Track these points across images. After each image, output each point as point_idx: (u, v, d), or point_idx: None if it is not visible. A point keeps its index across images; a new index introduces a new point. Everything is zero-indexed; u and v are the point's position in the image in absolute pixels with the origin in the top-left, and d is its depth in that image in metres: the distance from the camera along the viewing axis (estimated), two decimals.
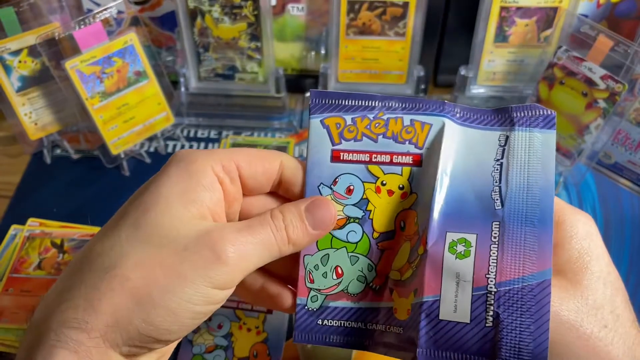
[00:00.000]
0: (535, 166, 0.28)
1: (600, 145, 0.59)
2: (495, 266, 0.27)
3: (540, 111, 0.29)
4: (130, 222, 0.26)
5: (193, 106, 0.69)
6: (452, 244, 0.28)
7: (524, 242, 0.27)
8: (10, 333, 0.49)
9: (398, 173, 0.30)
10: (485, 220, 0.28)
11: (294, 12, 0.67)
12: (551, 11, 0.63)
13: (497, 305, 0.26)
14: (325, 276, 0.31)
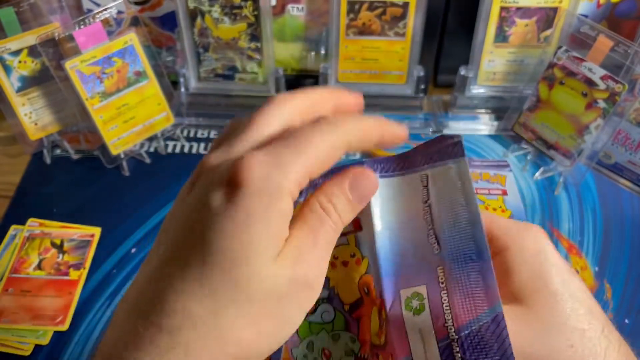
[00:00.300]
0: (457, 199, 0.28)
1: (600, 145, 0.59)
2: (450, 313, 0.26)
3: (447, 141, 0.29)
4: (227, 280, 0.24)
5: (193, 106, 0.69)
6: (407, 300, 0.27)
7: (469, 281, 0.26)
8: (10, 333, 0.49)
9: (345, 243, 0.31)
10: (430, 268, 0.27)
11: (293, 12, 0.67)
12: (551, 11, 0.63)
13: (463, 352, 0.26)
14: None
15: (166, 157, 0.65)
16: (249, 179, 0.25)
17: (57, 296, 0.51)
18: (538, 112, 0.62)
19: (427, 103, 0.71)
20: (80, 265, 0.54)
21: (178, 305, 0.24)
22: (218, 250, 0.24)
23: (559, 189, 0.62)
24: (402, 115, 0.70)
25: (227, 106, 0.69)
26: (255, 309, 0.24)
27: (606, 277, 0.54)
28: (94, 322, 0.50)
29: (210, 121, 0.69)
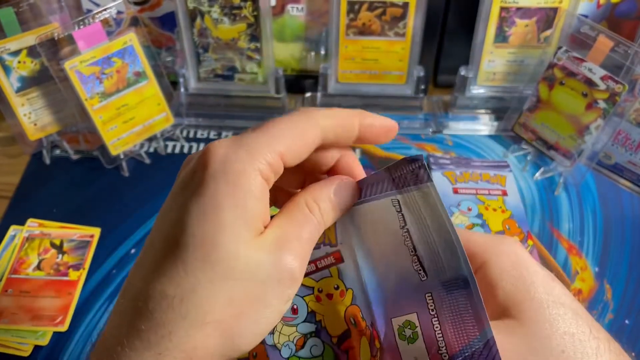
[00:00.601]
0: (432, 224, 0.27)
1: (600, 145, 0.59)
2: (443, 340, 0.26)
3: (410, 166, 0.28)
4: (200, 257, 0.25)
5: (193, 107, 0.69)
6: (399, 329, 0.28)
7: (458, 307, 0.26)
8: (9, 333, 0.49)
9: (328, 275, 0.31)
10: (418, 295, 0.27)
11: (293, 12, 0.67)
12: (551, 11, 0.62)
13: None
14: None
15: (166, 158, 0.65)
16: (213, 162, 0.26)
17: (57, 297, 0.51)
18: (538, 113, 0.62)
19: (427, 103, 0.71)
20: (79, 265, 0.54)
21: (156, 289, 0.25)
22: (191, 232, 0.25)
23: (559, 189, 0.62)
24: (402, 116, 0.70)
25: (226, 106, 0.69)
26: (233, 289, 0.25)
27: (606, 277, 0.54)
28: (93, 323, 0.50)
29: (210, 121, 0.69)
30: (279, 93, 0.68)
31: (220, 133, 0.68)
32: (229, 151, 0.26)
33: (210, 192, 0.25)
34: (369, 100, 0.70)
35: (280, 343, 0.31)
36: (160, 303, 0.25)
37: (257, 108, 0.69)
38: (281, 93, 0.68)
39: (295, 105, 0.71)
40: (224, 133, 0.68)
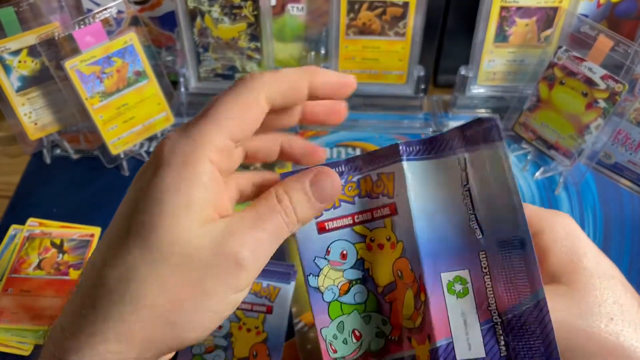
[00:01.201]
0: (496, 184, 0.28)
1: (600, 145, 0.59)
2: (494, 297, 0.27)
3: (484, 124, 0.28)
4: (139, 243, 0.25)
5: (193, 106, 0.69)
6: (449, 284, 0.28)
7: (512, 267, 0.27)
8: (9, 333, 0.49)
9: (382, 226, 0.31)
10: (472, 253, 0.28)
11: (293, 12, 0.67)
12: (551, 11, 0.63)
13: (506, 334, 0.27)
14: (345, 342, 0.31)
15: None
16: (161, 154, 0.26)
17: (57, 296, 0.51)
18: (538, 112, 0.62)
19: (427, 103, 0.71)
20: (80, 265, 0.54)
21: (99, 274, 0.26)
22: (134, 219, 0.26)
23: (559, 188, 0.62)
24: (402, 115, 0.70)
25: None
26: (168, 274, 0.25)
27: None
28: None
29: None
30: None
31: None
32: (175, 143, 0.27)
33: (156, 182, 0.26)
34: (369, 100, 0.70)
35: (324, 286, 0.31)
36: (100, 287, 0.25)
37: None
38: None
39: None
40: None
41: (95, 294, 0.25)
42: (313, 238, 0.31)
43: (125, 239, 0.26)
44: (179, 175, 0.26)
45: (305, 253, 0.31)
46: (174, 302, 0.25)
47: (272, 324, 0.48)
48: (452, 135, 0.29)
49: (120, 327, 0.24)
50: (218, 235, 0.26)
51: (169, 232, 0.25)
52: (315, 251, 0.31)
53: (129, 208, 0.27)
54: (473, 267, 0.28)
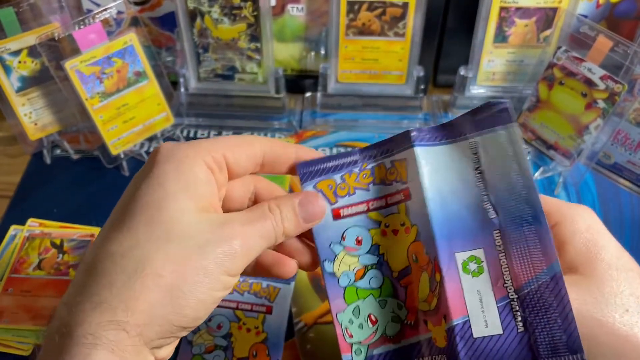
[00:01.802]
0: (509, 165, 0.28)
1: (599, 145, 0.59)
2: (509, 273, 0.28)
3: (495, 107, 0.29)
4: (144, 220, 0.27)
5: (193, 106, 0.69)
6: (464, 264, 0.28)
7: (526, 242, 0.27)
8: (10, 333, 0.49)
9: (395, 212, 0.32)
10: (486, 232, 0.28)
11: (293, 12, 0.67)
12: (551, 11, 0.63)
13: (523, 310, 0.27)
14: (361, 327, 0.31)
15: None
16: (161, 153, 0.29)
17: (57, 296, 0.52)
18: (537, 112, 0.62)
19: (427, 103, 0.71)
20: None
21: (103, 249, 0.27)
22: (138, 201, 0.28)
23: (559, 189, 0.62)
24: (402, 115, 0.70)
25: (226, 106, 0.69)
26: (171, 248, 0.27)
27: None
28: None
29: (210, 121, 0.69)
30: (279, 93, 0.68)
31: (221, 133, 0.68)
32: (173, 146, 0.30)
33: (157, 172, 0.29)
34: (369, 100, 0.70)
35: (340, 271, 0.32)
36: (104, 260, 0.26)
37: (257, 108, 0.69)
38: (281, 93, 0.68)
39: (295, 104, 0.71)
40: (224, 133, 0.68)
41: (100, 267, 0.26)
42: (328, 224, 0.32)
43: (130, 218, 0.27)
44: (177, 168, 0.29)
45: (320, 239, 0.32)
46: (177, 273, 0.26)
47: (272, 324, 0.48)
48: (462, 121, 0.30)
49: (125, 293, 0.25)
50: (214, 222, 0.28)
51: (171, 212, 0.27)
52: (330, 237, 0.32)
53: (130, 195, 0.29)
54: (487, 246, 0.28)
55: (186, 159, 0.29)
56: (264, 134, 0.68)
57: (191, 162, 0.29)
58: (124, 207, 0.28)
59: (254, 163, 0.32)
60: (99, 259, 0.27)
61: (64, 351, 0.25)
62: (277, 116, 0.69)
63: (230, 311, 0.49)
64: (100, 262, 0.27)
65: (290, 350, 0.48)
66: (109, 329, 0.25)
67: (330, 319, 0.49)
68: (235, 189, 0.33)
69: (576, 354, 0.26)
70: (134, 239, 0.27)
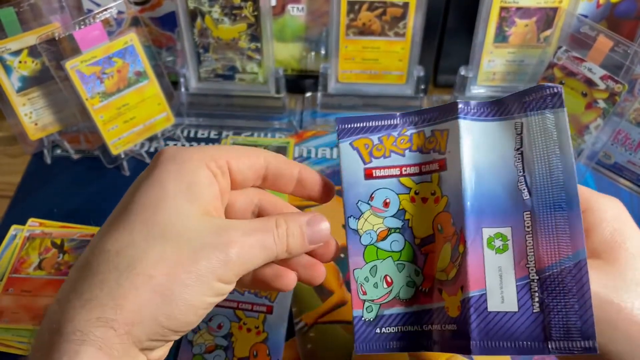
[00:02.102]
0: (552, 149, 0.29)
1: (600, 145, 0.59)
2: (533, 255, 0.28)
3: (547, 90, 0.29)
4: (141, 219, 0.27)
5: (193, 106, 0.69)
6: (489, 239, 0.29)
7: (556, 227, 0.28)
8: (10, 333, 0.49)
9: (428, 181, 0.32)
10: (517, 212, 0.29)
11: (293, 12, 0.67)
12: (551, 11, 0.63)
13: (542, 291, 0.27)
14: (376, 286, 0.32)
15: None
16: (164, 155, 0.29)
17: None
18: None
19: (427, 103, 0.71)
20: None
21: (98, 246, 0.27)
22: (136, 201, 0.28)
23: None
24: None
25: (227, 106, 0.69)
26: (166, 248, 0.26)
27: None
28: None
29: (211, 121, 0.69)
30: (279, 93, 0.68)
31: (221, 132, 0.68)
32: (178, 149, 0.30)
33: (158, 173, 0.29)
34: (369, 100, 0.70)
35: (363, 230, 0.32)
36: (98, 257, 0.26)
37: (257, 108, 0.69)
38: (281, 93, 0.68)
39: (296, 104, 0.71)
40: (225, 132, 0.68)
41: (94, 264, 0.26)
42: (359, 182, 0.32)
43: (127, 217, 0.27)
44: (179, 169, 0.29)
45: (349, 195, 0.32)
46: (169, 276, 0.26)
47: (272, 324, 0.48)
48: (511, 100, 0.30)
49: (115, 291, 0.25)
50: (213, 226, 0.28)
51: (169, 212, 0.27)
52: (359, 195, 0.32)
53: (130, 194, 0.29)
54: (516, 226, 0.29)
55: (189, 161, 0.29)
56: (264, 134, 0.68)
57: (194, 165, 0.29)
58: (123, 207, 0.28)
59: (256, 175, 0.32)
60: (93, 256, 0.27)
61: (53, 348, 0.25)
62: (277, 116, 0.69)
63: (231, 311, 0.49)
64: (95, 259, 0.27)
65: (291, 350, 0.48)
66: (97, 326, 0.25)
67: (331, 319, 0.49)
68: (237, 200, 0.33)
69: (588, 340, 0.26)
70: (129, 237, 0.27)
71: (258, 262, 0.29)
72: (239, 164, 0.31)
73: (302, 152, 0.66)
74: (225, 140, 0.67)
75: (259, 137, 0.67)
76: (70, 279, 0.27)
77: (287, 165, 0.33)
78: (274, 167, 0.32)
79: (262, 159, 0.32)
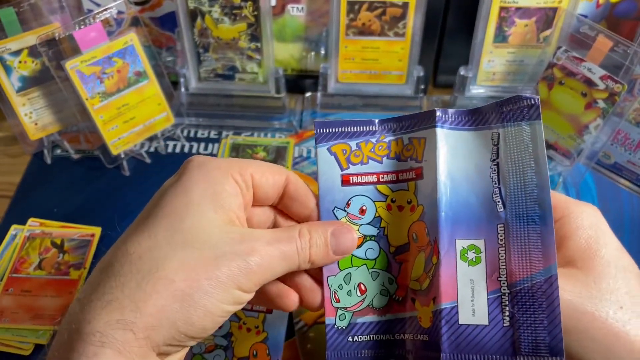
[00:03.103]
0: (527, 161, 0.28)
1: (599, 145, 0.59)
2: (505, 268, 0.28)
3: (524, 101, 0.29)
4: (165, 225, 0.27)
5: (193, 106, 0.69)
6: (463, 251, 0.29)
7: (528, 241, 0.28)
8: (10, 333, 0.49)
9: (404, 189, 0.32)
10: (490, 224, 0.29)
11: (293, 12, 0.67)
12: (550, 11, 0.63)
13: (512, 306, 0.27)
14: (349, 294, 0.32)
15: (166, 157, 0.65)
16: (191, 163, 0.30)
17: (58, 296, 0.52)
18: None
19: (427, 103, 0.71)
20: (80, 265, 0.54)
21: (120, 249, 0.27)
22: (162, 207, 0.28)
23: (559, 188, 0.62)
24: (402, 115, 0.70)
25: (227, 106, 0.69)
26: (188, 254, 0.27)
27: None
28: None
29: (211, 121, 0.69)
30: (279, 93, 0.68)
31: (221, 133, 0.68)
32: (206, 159, 0.30)
33: (184, 180, 0.29)
34: (369, 100, 0.70)
35: None
36: (120, 259, 0.27)
37: (257, 108, 0.69)
38: (281, 93, 0.68)
39: (296, 104, 0.71)
40: (225, 133, 0.68)
41: (117, 266, 0.27)
42: (336, 188, 0.32)
43: (151, 222, 0.28)
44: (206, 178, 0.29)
45: (325, 201, 0.32)
46: (190, 281, 0.26)
47: (272, 324, 0.48)
48: (489, 109, 0.30)
49: (136, 294, 0.25)
50: (235, 235, 0.28)
51: (194, 220, 0.27)
52: (335, 202, 0.32)
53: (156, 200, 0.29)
54: (489, 238, 0.28)
55: (216, 170, 0.29)
56: (264, 134, 0.68)
57: (220, 174, 0.29)
58: (148, 212, 0.29)
59: (277, 193, 0.32)
60: (116, 257, 0.27)
61: (73, 348, 0.25)
62: (277, 116, 0.69)
63: None
64: (117, 261, 0.27)
65: (291, 349, 0.48)
66: (117, 329, 0.25)
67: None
68: (254, 216, 0.33)
69: (556, 356, 0.26)
70: (152, 241, 0.27)
71: (279, 271, 0.29)
72: (262, 179, 0.31)
73: (302, 152, 0.66)
74: (225, 140, 0.67)
75: (258, 137, 0.67)
76: (92, 280, 0.27)
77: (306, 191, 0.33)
78: (293, 188, 0.32)
79: (284, 176, 0.32)
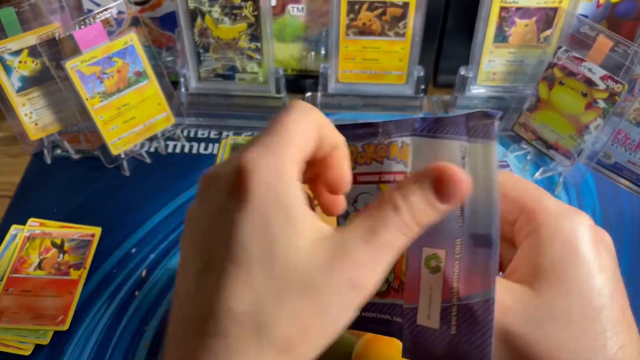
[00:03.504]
0: (482, 180, 0.28)
1: (600, 145, 0.59)
2: (458, 282, 0.29)
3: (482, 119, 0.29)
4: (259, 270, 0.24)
5: (193, 106, 0.69)
6: (427, 258, 0.30)
7: (476, 262, 0.28)
8: (10, 333, 0.49)
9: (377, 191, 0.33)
10: (451, 237, 0.29)
11: (293, 12, 0.67)
12: (551, 11, 0.63)
13: (459, 317, 0.28)
14: None
15: (166, 157, 0.65)
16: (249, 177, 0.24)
17: (58, 296, 0.52)
18: (538, 112, 0.62)
19: (427, 103, 0.71)
20: (80, 265, 0.54)
21: (222, 308, 0.23)
22: (245, 250, 0.24)
23: (559, 189, 0.62)
24: (402, 116, 0.70)
25: (227, 106, 0.69)
26: (298, 300, 0.23)
27: None
28: (94, 322, 0.50)
29: (211, 121, 0.69)
30: (279, 93, 0.68)
31: (221, 133, 0.68)
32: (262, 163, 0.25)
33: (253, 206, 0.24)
34: (369, 100, 0.70)
35: None
36: (227, 320, 0.23)
37: (257, 108, 0.69)
38: (282, 93, 0.68)
39: None
40: (225, 133, 0.68)
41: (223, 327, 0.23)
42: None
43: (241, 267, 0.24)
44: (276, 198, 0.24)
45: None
46: (303, 331, 0.24)
47: None
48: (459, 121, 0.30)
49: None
50: (329, 252, 0.24)
51: (284, 257, 0.24)
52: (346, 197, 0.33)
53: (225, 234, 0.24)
54: (449, 250, 0.29)
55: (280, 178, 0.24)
56: None
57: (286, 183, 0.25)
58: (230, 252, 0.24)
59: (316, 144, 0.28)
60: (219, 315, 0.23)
61: None
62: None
63: None
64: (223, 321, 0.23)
65: None
66: None
67: None
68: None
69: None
70: (255, 296, 0.23)
71: (389, 264, 0.25)
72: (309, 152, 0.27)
73: None
74: (225, 140, 0.67)
75: None
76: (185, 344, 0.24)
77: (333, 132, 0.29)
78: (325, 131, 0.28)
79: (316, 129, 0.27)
